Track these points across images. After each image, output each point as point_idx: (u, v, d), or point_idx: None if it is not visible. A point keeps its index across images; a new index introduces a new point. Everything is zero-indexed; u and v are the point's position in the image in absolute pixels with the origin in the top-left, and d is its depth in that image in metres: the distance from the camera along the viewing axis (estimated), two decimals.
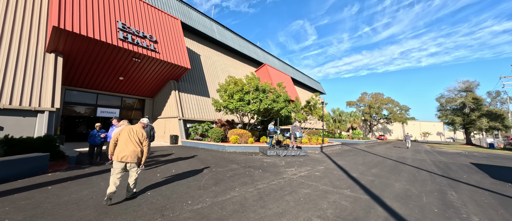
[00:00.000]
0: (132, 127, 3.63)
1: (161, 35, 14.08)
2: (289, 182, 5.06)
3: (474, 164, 9.72)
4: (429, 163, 9.35)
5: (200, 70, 19.38)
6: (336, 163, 8.22)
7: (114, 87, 14.68)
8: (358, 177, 5.88)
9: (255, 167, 6.74)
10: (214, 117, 17.72)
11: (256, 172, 6.00)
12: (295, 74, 38.42)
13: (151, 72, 14.31)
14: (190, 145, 13.36)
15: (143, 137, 3.62)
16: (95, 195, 3.61)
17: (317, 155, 10.59)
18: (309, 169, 6.85)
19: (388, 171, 6.94)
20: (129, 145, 3.41)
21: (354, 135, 32.66)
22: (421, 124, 67.71)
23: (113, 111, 15.17)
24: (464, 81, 34.99)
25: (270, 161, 8.20)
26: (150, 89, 16.51)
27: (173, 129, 15.17)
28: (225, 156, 9.13)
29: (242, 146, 11.57)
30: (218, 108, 13.52)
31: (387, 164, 8.64)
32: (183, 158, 8.03)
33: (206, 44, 21.75)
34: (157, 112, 17.30)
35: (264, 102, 12.60)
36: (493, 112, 30.81)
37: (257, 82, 13.45)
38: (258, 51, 30.25)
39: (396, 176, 6.22)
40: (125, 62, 12.64)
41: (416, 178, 6.03)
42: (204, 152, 10.29)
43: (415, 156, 12.63)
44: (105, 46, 11.00)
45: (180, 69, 15.06)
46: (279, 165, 7.30)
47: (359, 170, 6.88)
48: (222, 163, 7.25)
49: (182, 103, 15.81)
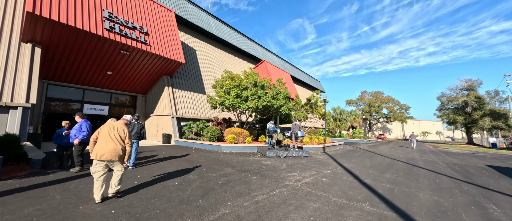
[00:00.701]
0: (113, 124, 3.49)
1: (153, 27, 13.11)
2: (293, 191, 4.20)
3: (491, 166, 8.95)
4: (443, 166, 8.57)
5: (196, 65, 18.42)
6: (343, 166, 7.39)
7: (102, 82, 13.70)
8: (373, 184, 5.04)
9: (253, 171, 5.88)
10: (210, 115, 16.81)
11: (253, 178, 5.14)
12: (295, 71, 37.55)
13: (142, 66, 13.34)
14: (183, 145, 12.47)
15: (125, 134, 3.48)
16: (38, 216, 2.71)
17: (320, 157, 9.76)
18: (314, 173, 6.00)
19: (404, 176, 6.12)
20: (109, 142, 3.28)
21: (355, 134, 31.95)
22: (420, 123, 67.35)
23: (101, 108, 14.20)
24: (466, 79, 34.37)
25: (269, 163, 7.35)
26: (142, 85, 15.54)
27: (166, 128, 14.24)
28: (220, 157, 8.26)
29: (239, 146, 10.70)
30: (213, 105, 12.62)
31: (398, 167, 7.83)
32: (172, 160, 7.14)
33: (203, 39, 20.77)
34: (149, 109, 16.35)
35: (263, 99, 11.72)
36: (496, 111, 30.25)
37: (256, 77, 12.57)
38: (257, 47, 29.31)
39: (415, 182, 5.39)
40: (113, 55, 11.66)
41: (439, 185, 5.21)
42: (198, 152, 9.41)
43: (424, 157, 11.87)
44: (89, 36, 10.02)
45: (174, 64, 14.10)
46: (279, 169, 6.45)
47: (371, 175, 6.05)
48: (216, 166, 6.38)
49: (176, 100, 14.87)
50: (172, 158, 7.57)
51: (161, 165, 6.28)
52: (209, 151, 10.02)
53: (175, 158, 7.70)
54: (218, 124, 14.79)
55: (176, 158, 7.71)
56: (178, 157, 7.84)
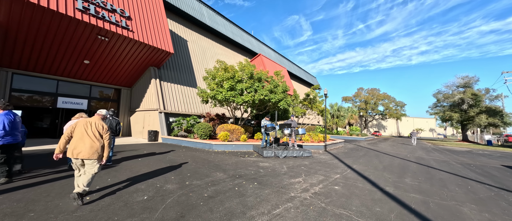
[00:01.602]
0: (89, 120, 3.26)
1: (137, 11, 11.69)
2: (303, 208, 3.15)
3: (509, 167, 8.20)
4: (459, 167, 7.74)
5: (187, 57, 17.06)
6: (352, 169, 6.41)
7: (79, 73, 12.23)
8: (398, 194, 4.05)
9: (249, 177, 4.80)
10: (202, 110, 15.59)
11: (249, 188, 4.07)
12: (291, 67, 36.50)
13: (125, 55, 11.94)
14: (171, 143, 11.26)
15: (104, 130, 3.27)
16: None
17: (323, 156, 8.79)
18: (322, 179, 4.98)
19: (427, 182, 5.19)
20: (85, 139, 3.07)
21: (352, 131, 31.35)
22: (414, 120, 67.95)
23: (79, 102, 12.76)
24: (463, 76, 34.25)
25: (267, 165, 6.30)
26: (126, 77, 14.12)
27: (153, 124, 12.96)
28: (211, 158, 7.15)
29: (233, 144, 9.60)
30: (204, 99, 11.42)
31: (414, 169, 6.93)
32: (152, 162, 5.98)
33: (195, 29, 19.35)
34: (135, 104, 14.97)
35: (259, 92, 10.61)
36: (492, 108, 30.21)
37: (252, 69, 11.41)
38: (252, 40, 28.02)
39: (446, 191, 4.45)
40: (89, 41, 10.24)
41: (477, 194, 4.29)
42: (186, 152, 8.26)
43: (430, 155, 11.10)
44: (57, 17, 8.59)
45: (161, 54, 12.76)
46: (280, 173, 5.41)
47: (390, 181, 5.08)
48: (204, 171, 5.27)
49: (164, 93, 13.57)
50: (152, 159, 6.40)
51: (136, 169, 5.11)
52: (199, 150, 8.88)
53: (156, 159, 6.53)
54: (210, 120, 13.62)
55: (158, 159, 6.54)
56: (160, 158, 6.66)
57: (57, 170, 4.75)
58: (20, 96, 10.98)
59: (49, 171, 4.69)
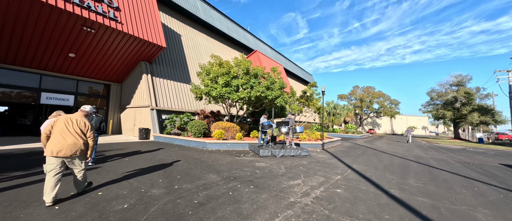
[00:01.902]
0: (71, 116, 3.06)
1: (126, 2, 11.04)
2: (306, 217, 2.81)
3: (507, 165, 8.12)
4: (459, 165, 7.60)
5: (181, 52, 16.46)
6: (352, 169, 6.14)
7: (64, 66, 11.53)
8: (405, 198, 3.77)
9: (244, 180, 4.44)
10: (196, 107, 15.11)
11: (245, 192, 3.71)
12: (288, 64, 36.16)
13: (114, 49, 11.31)
14: (163, 141, 10.79)
15: (87, 127, 3.09)
16: None
17: (321, 155, 8.52)
18: (322, 181, 4.67)
19: (432, 183, 4.96)
20: (67, 137, 2.87)
21: (348, 129, 31.39)
22: (407, 118, 68.92)
23: (65, 98, 12.07)
24: (456, 75, 34.70)
25: (264, 165, 5.95)
26: (115, 72, 13.47)
27: (144, 121, 12.42)
28: (204, 157, 6.75)
29: (228, 142, 9.22)
30: (198, 95, 10.95)
31: (414, 169, 6.73)
32: (140, 162, 5.54)
33: (189, 24, 18.69)
34: (125, 100, 14.35)
35: (256, 88, 10.21)
36: (484, 107, 30.75)
37: (248, 65, 10.99)
38: (248, 36, 27.47)
39: (453, 193, 4.20)
40: (74, 33, 9.59)
41: (486, 197, 4.06)
42: (178, 151, 7.83)
43: (428, 154, 11.01)
44: (37, 5, 7.94)
45: (153, 48, 12.17)
46: (278, 174, 5.07)
47: (393, 182, 4.81)
48: (195, 172, 4.88)
49: (156, 89, 13.01)
50: (141, 159, 5.96)
51: (120, 170, 4.67)
52: (192, 149, 8.46)
53: (145, 159, 6.08)
54: (205, 117, 13.17)
55: (146, 159, 6.09)
56: (149, 158, 6.22)
57: (30, 173, 4.27)
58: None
59: (21, 173, 4.20)
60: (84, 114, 3.34)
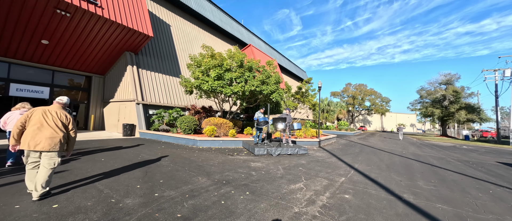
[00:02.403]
0: (49, 108, 2.87)
1: None
2: None
3: (505, 163, 8.02)
4: (459, 164, 7.38)
5: (170, 44, 15.47)
6: (355, 169, 5.70)
7: (37, 55, 10.37)
8: (422, 204, 3.33)
9: (239, 183, 3.85)
10: (186, 102, 14.28)
11: (240, 200, 3.12)
12: (282, 60, 35.61)
13: (94, 36, 10.26)
14: (150, 138, 10.00)
15: (68, 120, 2.92)
16: None
17: (319, 153, 8.07)
18: (326, 184, 4.16)
19: (443, 185, 4.59)
20: (44, 129, 2.71)
21: (341, 126, 31.50)
22: (397, 116, 70.67)
23: (39, 90, 10.92)
24: (445, 74, 35.50)
25: (260, 165, 5.39)
26: (97, 63, 12.37)
27: (129, 117, 11.51)
28: (194, 156, 6.10)
29: (220, 140, 8.57)
30: (187, 88, 10.18)
31: (418, 168, 6.40)
32: (120, 162, 4.80)
33: (179, 14, 17.62)
34: (109, 93, 13.29)
35: (250, 82, 9.58)
36: (470, 105, 31.71)
37: (242, 57, 10.30)
38: (242, 30, 26.58)
39: (470, 197, 3.82)
40: (46, 16, 8.51)
41: (505, 201, 3.71)
42: (165, 149, 7.11)
43: (424, 152, 10.87)
44: None
45: (138, 37, 11.20)
46: (276, 176, 4.52)
47: (402, 185, 4.39)
48: (182, 174, 4.23)
49: (142, 82, 12.07)
50: (120, 159, 5.21)
51: (92, 172, 3.94)
52: (181, 147, 7.76)
53: (125, 158, 5.34)
54: (195, 113, 12.41)
55: (127, 158, 5.35)
56: (131, 157, 5.48)
57: None
58: None
59: None
60: (62, 106, 3.05)
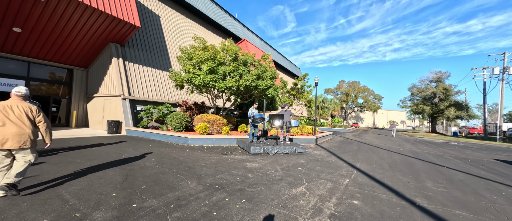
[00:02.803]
0: (6, 103, 2.62)
1: None
2: None
3: (504, 161, 7.97)
4: (459, 162, 7.24)
5: (160, 36, 14.63)
6: (357, 169, 5.36)
7: (9, 44, 9.41)
8: (439, 211, 2.99)
9: (233, 188, 3.38)
10: (178, 98, 13.60)
11: (235, 210, 2.65)
12: (277, 56, 35.11)
13: (73, 25, 9.39)
14: (137, 135, 9.34)
15: (34, 112, 2.72)
16: None
17: (317, 152, 7.72)
18: (331, 187, 3.77)
19: (453, 186, 4.32)
20: (8, 126, 2.53)
21: (334, 123, 31.54)
22: (388, 113, 72.12)
23: (12, 83, 9.96)
24: (436, 71, 36.18)
25: (257, 166, 4.94)
26: (79, 54, 11.45)
27: (115, 113, 10.75)
28: (184, 156, 5.57)
29: (213, 137, 8.06)
30: (178, 83, 9.53)
31: (420, 167, 6.17)
32: (97, 163, 4.21)
33: (169, 4, 16.70)
34: (93, 88, 12.41)
35: (245, 77, 9.06)
36: (459, 102, 32.55)
37: (237, 50, 9.74)
38: (236, 24, 25.81)
39: (485, 200, 3.54)
40: (16, 1, 7.60)
41: None
42: (153, 148, 6.53)
43: (420, 149, 10.79)
44: None
45: (124, 27, 10.39)
46: (275, 178, 4.09)
47: (410, 186, 4.07)
48: (168, 178, 3.71)
49: (129, 76, 11.29)
50: (98, 159, 4.61)
51: (59, 175, 3.36)
52: (170, 145, 7.19)
53: (104, 158, 4.75)
54: (187, 109, 11.79)
55: (106, 158, 4.76)
56: (111, 157, 4.89)
57: None
58: None
59: None
60: (22, 97, 2.75)
